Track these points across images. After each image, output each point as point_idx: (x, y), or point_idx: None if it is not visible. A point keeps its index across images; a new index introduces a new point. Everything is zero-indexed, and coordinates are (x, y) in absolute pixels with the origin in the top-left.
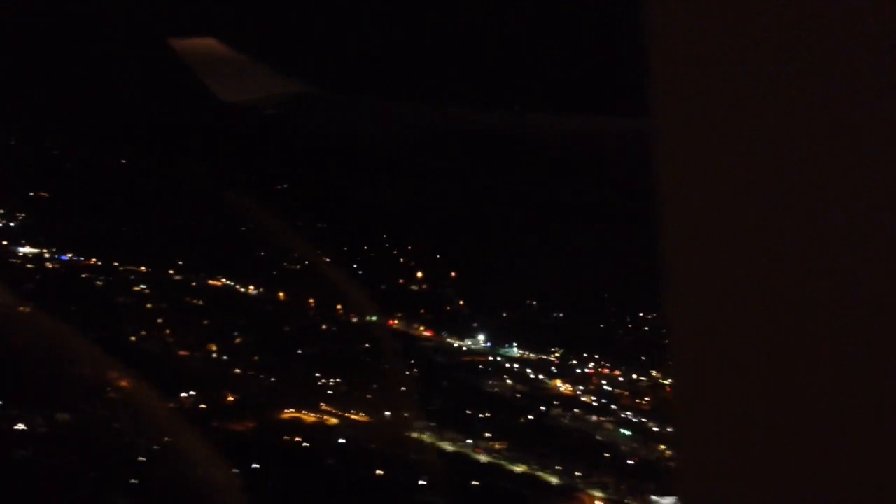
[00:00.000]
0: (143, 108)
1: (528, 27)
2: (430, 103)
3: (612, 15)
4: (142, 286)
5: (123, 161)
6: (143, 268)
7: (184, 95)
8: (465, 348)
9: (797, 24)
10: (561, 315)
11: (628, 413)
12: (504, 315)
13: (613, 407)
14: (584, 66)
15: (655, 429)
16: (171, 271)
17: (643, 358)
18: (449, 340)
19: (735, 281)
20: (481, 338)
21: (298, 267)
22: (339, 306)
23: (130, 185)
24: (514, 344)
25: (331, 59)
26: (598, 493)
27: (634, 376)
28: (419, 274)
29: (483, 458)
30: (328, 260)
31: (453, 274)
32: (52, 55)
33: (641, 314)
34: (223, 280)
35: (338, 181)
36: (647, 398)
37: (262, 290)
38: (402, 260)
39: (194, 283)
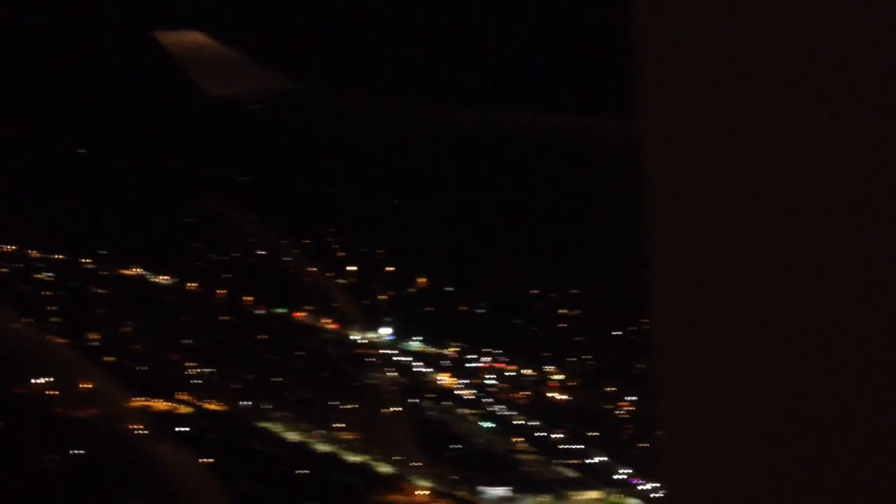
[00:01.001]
0: (128, 98)
1: (517, 27)
2: (414, 101)
3: (600, 15)
4: (48, 274)
5: (81, 151)
6: (59, 256)
7: (169, 88)
8: (364, 341)
9: (790, 22)
10: (483, 311)
11: (500, 406)
12: (426, 310)
13: (488, 400)
14: (571, 67)
15: (517, 422)
16: (87, 260)
17: (546, 354)
18: (353, 334)
19: (723, 281)
20: (387, 331)
21: (228, 258)
22: (248, 298)
23: (85, 175)
24: (419, 338)
25: (317, 56)
26: (424, 483)
27: (527, 371)
28: (352, 268)
29: (321, 448)
30: (280, 251)
31: (389, 269)
32: (37, 46)
33: (566, 311)
34: (137, 269)
35: (307, 175)
36: (526, 392)
37: (175, 280)
38: (340, 254)
39: (104, 272)
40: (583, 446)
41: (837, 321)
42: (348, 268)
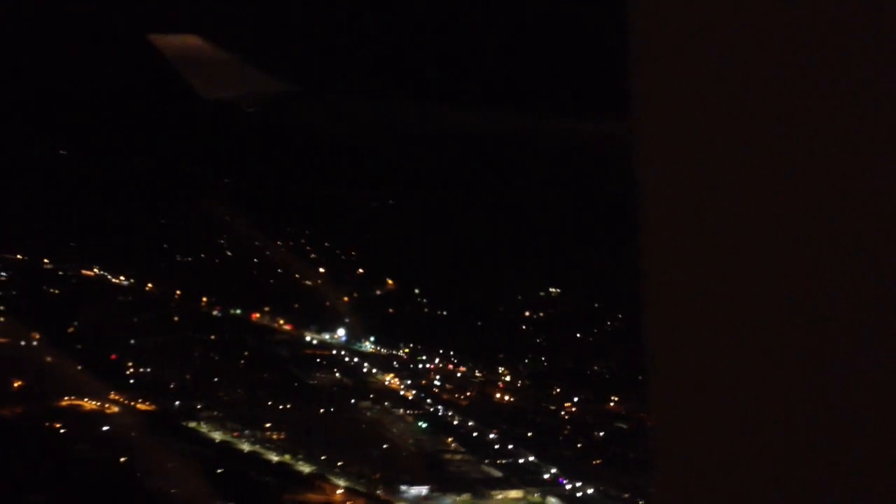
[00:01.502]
0: (123, 101)
1: (514, 27)
2: (413, 103)
3: (595, 16)
4: (2, 274)
5: (62, 151)
6: (18, 256)
7: (165, 91)
8: (316, 342)
9: (786, 22)
10: (446, 313)
11: (440, 407)
12: (388, 312)
13: (428, 401)
14: (569, 68)
15: (453, 422)
16: (46, 260)
17: (501, 356)
18: (307, 335)
19: (718, 283)
20: (342, 332)
21: (197, 260)
22: (205, 299)
23: (70, 177)
24: (373, 339)
25: (314, 58)
26: (342, 482)
27: (477, 373)
28: (321, 269)
29: (244, 447)
30: (256, 253)
31: (360, 271)
32: (31, 47)
33: (529, 313)
34: (97, 270)
35: (303, 177)
36: (469, 393)
37: (132, 280)
38: (313, 256)
39: (62, 272)
40: (512, 446)
41: (835, 321)
42: (319, 269)
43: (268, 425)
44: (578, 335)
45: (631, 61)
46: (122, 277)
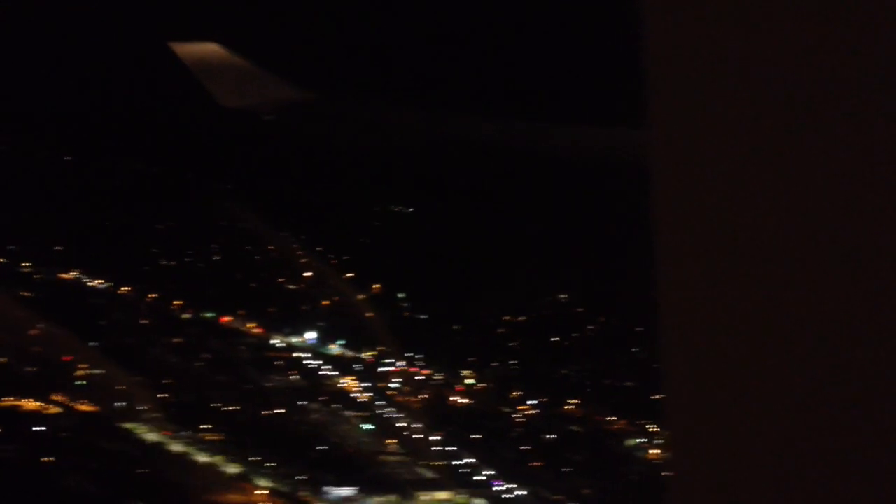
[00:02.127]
0: (143, 108)
1: (528, 35)
2: (429, 111)
3: (606, 23)
4: None
5: (68, 157)
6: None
7: (185, 99)
8: (282, 345)
9: (798, 28)
10: (424, 317)
11: (391, 409)
12: (366, 315)
13: (380, 403)
14: (579, 75)
15: (400, 424)
16: (26, 263)
17: (471, 359)
18: (274, 338)
19: (732, 287)
20: (312, 335)
21: (176, 264)
22: (177, 302)
23: (76, 182)
24: (341, 342)
25: (332, 66)
26: (266, 483)
27: (438, 376)
28: (307, 274)
29: (175, 449)
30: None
31: (349, 275)
32: (53, 56)
33: (509, 317)
34: (74, 273)
35: (317, 183)
36: (424, 396)
37: (110, 284)
38: (304, 260)
39: (38, 276)
40: (455, 448)
41: (844, 323)
42: (305, 274)
43: (206, 427)
44: (554, 339)
45: (644, 66)
46: (98, 281)
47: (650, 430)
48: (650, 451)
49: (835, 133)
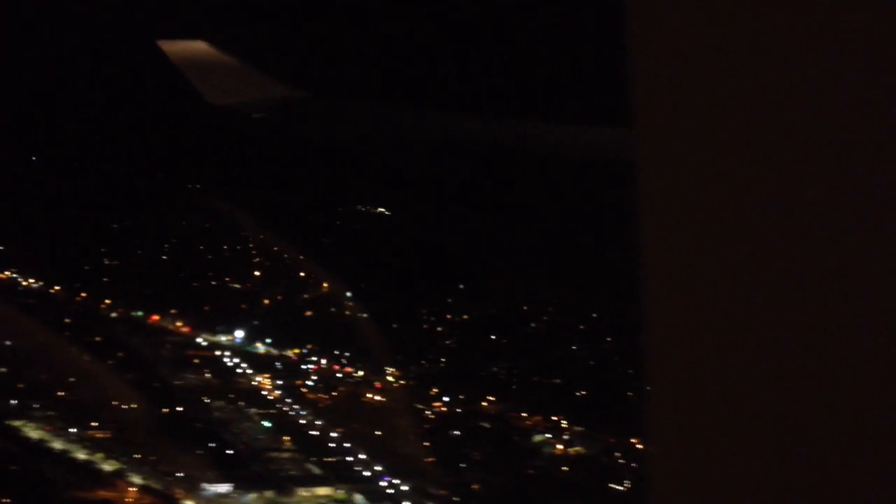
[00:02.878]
0: (130, 106)
1: (519, 35)
2: (418, 109)
3: (597, 24)
4: None
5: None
6: None
7: (173, 97)
8: (206, 344)
9: (786, 27)
10: (365, 315)
11: (297, 407)
12: (306, 314)
13: (288, 400)
14: (572, 75)
15: (302, 421)
16: None
17: (398, 358)
18: (200, 336)
19: (717, 287)
20: (240, 334)
21: (119, 263)
22: (108, 301)
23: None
24: (269, 341)
25: (320, 64)
26: (140, 480)
27: (358, 374)
28: (257, 273)
29: (55, 445)
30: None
31: (302, 274)
32: (39, 54)
33: (450, 316)
34: (8, 273)
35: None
36: (334, 394)
37: (41, 283)
38: (257, 260)
39: None
40: (350, 444)
41: (837, 323)
42: (256, 273)
43: (94, 424)
44: (493, 338)
45: (630, 67)
46: (31, 280)
47: (563, 426)
48: (557, 447)
49: (822, 133)
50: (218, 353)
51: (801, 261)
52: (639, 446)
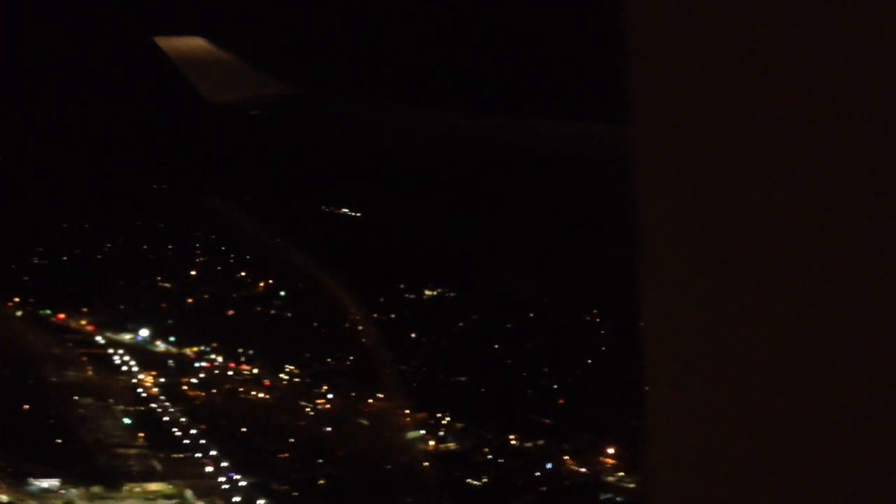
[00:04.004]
0: (127, 104)
1: (516, 31)
2: (414, 106)
3: (592, 20)
4: None
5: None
6: None
7: (170, 93)
8: (103, 342)
9: (781, 23)
10: (289, 315)
11: (168, 404)
12: (228, 313)
13: (162, 398)
14: (567, 71)
15: (165, 418)
16: None
17: (307, 355)
18: (102, 334)
19: (714, 283)
20: (145, 332)
21: (38, 261)
22: (17, 298)
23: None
24: (172, 339)
25: (317, 61)
26: None
27: (253, 371)
28: (192, 273)
29: None
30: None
31: (242, 273)
32: (35, 49)
33: (376, 315)
34: None
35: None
36: (213, 391)
37: None
38: (199, 259)
39: None
40: (205, 441)
41: (833, 321)
42: (191, 273)
43: None
44: (414, 336)
45: (626, 63)
46: None
47: (444, 422)
48: (429, 444)
49: (821, 128)
50: (111, 350)
51: (800, 258)
52: (513, 443)
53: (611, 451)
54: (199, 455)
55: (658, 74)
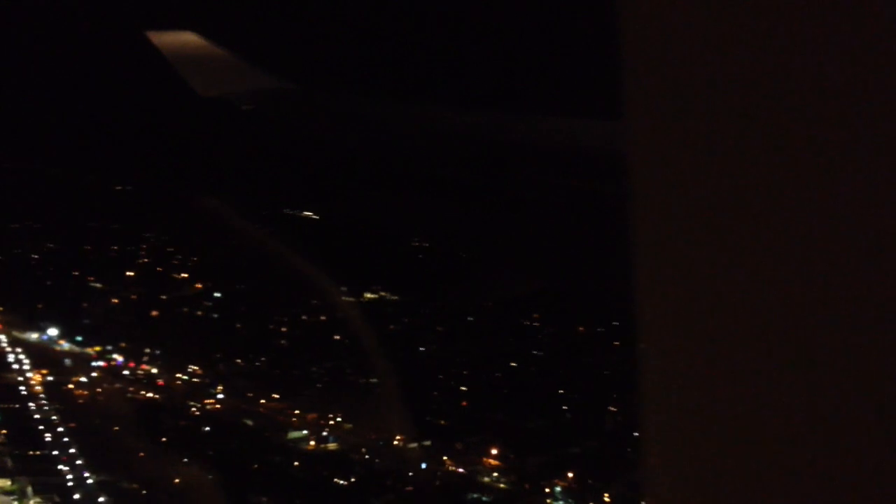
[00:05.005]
0: (119, 100)
1: (511, 28)
2: (408, 102)
3: (590, 17)
4: None
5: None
6: None
7: (161, 88)
8: (7, 341)
9: (779, 22)
10: (215, 316)
11: (50, 402)
12: (151, 314)
13: (42, 396)
14: (563, 68)
15: (36, 416)
16: None
17: (218, 356)
18: (7, 334)
19: (712, 284)
20: (54, 332)
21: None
22: None
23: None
24: (79, 339)
25: (310, 55)
26: None
27: (152, 371)
28: (129, 273)
29: None
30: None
31: (184, 275)
32: (27, 47)
33: (305, 317)
34: None
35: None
36: (98, 389)
37: None
38: (144, 260)
39: None
40: (67, 439)
41: (830, 321)
42: (128, 273)
43: None
44: (337, 338)
45: (623, 60)
46: None
47: (332, 423)
48: (310, 444)
49: (819, 130)
50: (10, 349)
51: (797, 256)
52: (395, 443)
53: (494, 451)
54: (55, 453)
55: (656, 71)
